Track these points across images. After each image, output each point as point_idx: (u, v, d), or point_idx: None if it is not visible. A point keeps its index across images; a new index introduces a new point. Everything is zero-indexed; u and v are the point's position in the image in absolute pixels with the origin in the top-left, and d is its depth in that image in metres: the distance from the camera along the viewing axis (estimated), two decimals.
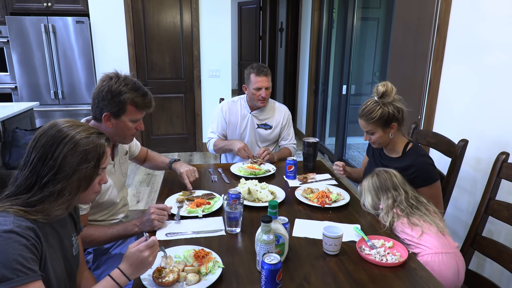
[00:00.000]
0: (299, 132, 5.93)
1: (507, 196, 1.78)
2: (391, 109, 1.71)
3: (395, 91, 1.73)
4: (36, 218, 0.99)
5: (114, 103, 1.47)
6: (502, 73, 1.93)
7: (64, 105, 4.44)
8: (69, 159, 1.02)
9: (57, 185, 1.01)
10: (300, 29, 5.61)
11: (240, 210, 1.48)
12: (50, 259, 1.03)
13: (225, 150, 2.49)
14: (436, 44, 2.39)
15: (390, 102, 1.72)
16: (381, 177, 1.67)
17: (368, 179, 1.71)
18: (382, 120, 1.72)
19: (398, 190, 1.63)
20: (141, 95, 1.51)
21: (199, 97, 4.98)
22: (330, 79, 4.95)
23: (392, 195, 1.62)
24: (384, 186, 1.65)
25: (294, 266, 1.28)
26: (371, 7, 4.93)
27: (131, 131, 1.55)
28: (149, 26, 4.66)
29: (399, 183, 1.64)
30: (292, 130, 2.62)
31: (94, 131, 1.10)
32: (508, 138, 1.88)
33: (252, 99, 2.42)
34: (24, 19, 4.10)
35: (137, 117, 1.54)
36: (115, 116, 1.49)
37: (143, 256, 1.09)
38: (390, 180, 1.65)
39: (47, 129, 1.05)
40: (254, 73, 2.36)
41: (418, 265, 1.30)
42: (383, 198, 1.64)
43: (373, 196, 1.67)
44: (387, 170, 1.69)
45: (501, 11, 1.93)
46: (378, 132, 1.75)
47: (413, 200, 1.61)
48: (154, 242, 1.13)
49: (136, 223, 1.53)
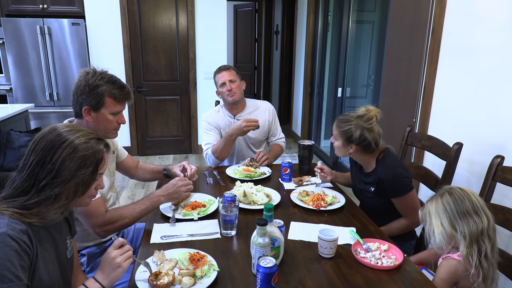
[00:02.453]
0: (294, 135, 5.94)
1: (502, 199, 1.79)
2: (357, 133, 1.68)
3: (376, 119, 1.69)
4: (31, 221, 0.99)
5: (92, 96, 1.49)
6: (496, 76, 1.94)
7: (59, 107, 4.42)
8: (67, 163, 1.02)
9: (55, 189, 1.01)
10: (296, 32, 5.63)
11: (236, 213, 1.47)
12: (44, 262, 1.02)
13: (227, 145, 2.24)
14: (431, 47, 2.41)
15: (363, 126, 1.68)
16: (456, 196, 1.24)
17: (435, 200, 1.29)
18: (345, 135, 1.72)
19: (480, 215, 1.22)
20: (118, 87, 1.54)
21: (194, 99, 4.98)
22: (326, 82, 4.96)
23: (475, 222, 1.20)
24: (462, 209, 1.22)
25: (289, 269, 1.27)
26: (366, 10, 4.95)
27: (112, 124, 1.56)
28: (145, 28, 4.65)
29: (481, 205, 1.23)
30: (278, 124, 2.60)
31: (93, 136, 1.10)
32: (503, 141, 1.90)
33: (223, 98, 2.41)
34: (20, 21, 4.08)
35: (117, 109, 1.55)
36: (94, 109, 1.51)
37: (110, 256, 1.10)
38: (469, 200, 1.23)
39: (47, 133, 1.05)
40: (216, 72, 2.41)
41: (413, 268, 1.30)
42: (461, 225, 1.21)
43: (447, 220, 1.24)
44: (462, 188, 1.27)
45: (495, 15, 1.95)
46: (339, 142, 1.76)
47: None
48: (120, 242, 1.13)
49: (161, 194, 1.59)
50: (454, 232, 1.22)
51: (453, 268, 1.22)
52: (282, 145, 2.57)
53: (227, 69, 2.38)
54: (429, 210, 1.29)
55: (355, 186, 1.95)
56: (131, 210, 1.52)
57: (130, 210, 1.52)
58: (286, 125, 6.66)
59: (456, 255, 1.25)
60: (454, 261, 1.24)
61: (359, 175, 1.89)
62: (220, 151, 2.26)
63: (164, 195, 1.59)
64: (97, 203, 1.45)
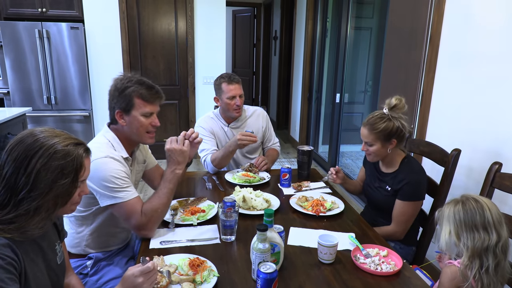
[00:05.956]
0: (292, 140, 5.95)
1: (500, 205, 1.78)
2: (397, 124, 1.71)
3: (406, 108, 1.75)
4: (11, 236, 0.92)
5: (122, 99, 1.51)
6: (494, 83, 1.96)
7: (57, 111, 4.41)
8: (43, 174, 0.94)
9: (32, 203, 0.93)
10: (294, 38, 5.66)
11: (235, 218, 1.47)
12: (32, 273, 0.98)
13: (226, 156, 2.22)
14: (429, 54, 2.42)
15: (397, 117, 1.72)
16: (468, 207, 1.22)
17: (451, 205, 1.27)
18: (384, 133, 1.71)
19: (489, 232, 1.18)
20: (146, 87, 1.54)
21: (193, 104, 4.98)
22: (324, 87, 4.98)
23: (480, 237, 1.18)
24: (470, 221, 1.20)
25: (289, 275, 1.27)
26: (364, 17, 4.99)
27: (144, 126, 1.56)
28: (144, 33, 4.66)
29: (494, 221, 1.19)
30: (272, 128, 2.60)
31: (71, 141, 1.01)
32: (501, 148, 1.91)
33: (227, 109, 2.34)
34: (18, 24, 4.08)
35: (147, 110, 1.55)
36: (125, 111, 1.53)
37: (136, 281, 1.03)
38: (480, 215, 1.19)
39: (21, 139, 0.97)
40: (225, 82, 2.31)
41: (413, 274, 1.30)
42: (465, 237, 1.20)
43: (454, 229, 1.23)
44: (478, 199, 1.23)
45: (492, 23, 1.97)
46: (377, 145, 1.75)
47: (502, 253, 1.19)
48: (149, 269, 1.05)
49: (177, 167, 1.55)
50: (458, 242, 1.22)
51: (453, 275, 1.23)
52: (277, 149, 2.58)
53: (239, 82, 2.34)
54: (444, 213, 1.28)
55: (367, 184, 1.97)
56: (157, 197, 1.51)
57: (157, 198, 1.51)
58: (284, 130, 6.67)
59: (457, 262, 1.25)
60: (455, 267, 1.24)
61: (375, 174, 1.91)
62: (219, 161, 2.24)
63: (181, 161, 1.57)
64: (135, 203, 1.46)
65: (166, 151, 1.58)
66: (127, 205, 1.44)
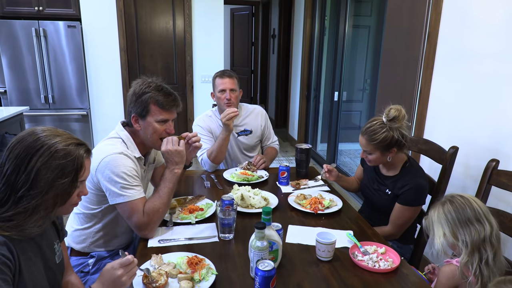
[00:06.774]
0: (291, 138, 5.95)
1: (497, 202, 1.80)
2: (396, 134, 1.66)
3: (406, 118, 1.70)
4: (9, 234, 0.92)
5: (138, 104, 1.52)
6: (491, 81, 1.96)
7: (54, 110, 4.40)
8: (43, 173, 0.94)
9: (32, 201, 0.93)
10: (292, 36, 5.65)
11: (234, 217, 1.47)
12: (29, 272, 0.98)
13: (221, 146, 2.20)
14: (427, 52, 2.43)
15: (397, 127, 1.67)
16: (457, 204, 1.23)
17: (437, 209, 1.27)
18: (383, 143, 1.67)
19: (482, 223, 1.19)
20: (164, 94, 1.54)
21: (191, 103, 4.98)
22: (322, 86, 4.98)
23: (476, 230, 1.18)
24: (463, 217, 1.20)
25: (287, 273, 1.27)
26: (362, 15, 4.99)
27: (158, 133, 1.56)
28: (142, 31, 4.65)
29: (483, 212, 1.21)
30: (271, 127, 2.60)
31: (72, 141, 1.01)
32: (498, 145, 1.91)
33: (219, 104, 2.38)
34: (15, 23, 4.07)
35: (162, 117, 1.55)
36: (141, 116, 1.54)
37: (115, 274, 1.04)
38: (470, 208, 1.21)
39: (22, 137, 0.97)
40: (218, 76, 2.36)
41: (411, 271, 1.31)
42: (462, 233, 1.20)
43: (449, 229, 1.22)
44: (463, 195, 1.26)
45: (490, 21, 1.97)
46: (376, 153, 1.73)
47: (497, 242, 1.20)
48: (129, 261, 1.06)
49: (175, 167, 1.55)
50: (456, 241, 1.21)
51: (452, 274, 1.23)
52: (276, 148, 2.58)
53: (231, 77, 2.34)
54: (432, 219, 1.27)
55: (366, 185, 1.95)
56: (158, 197, 1.51)
57: (158, 198, 1.50)
58: (282, 128, 6.67)
59: (455, 261, 1.26)
60: (453, 266, 1.24)
61: (374, 175, 1.89)
62: (216, 154, 2.23)
63: (177, 161, 1.56)
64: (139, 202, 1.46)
65: (162, 152, 1.58)
66: (131, 204, 1.45)
